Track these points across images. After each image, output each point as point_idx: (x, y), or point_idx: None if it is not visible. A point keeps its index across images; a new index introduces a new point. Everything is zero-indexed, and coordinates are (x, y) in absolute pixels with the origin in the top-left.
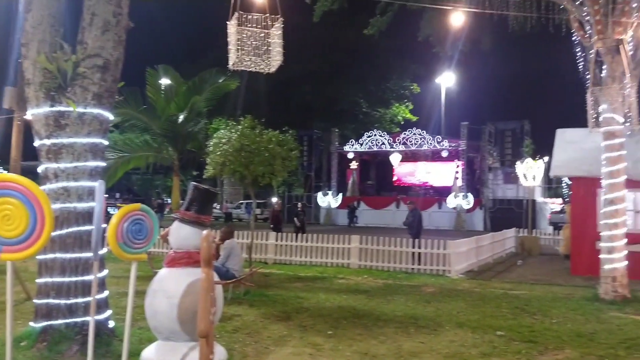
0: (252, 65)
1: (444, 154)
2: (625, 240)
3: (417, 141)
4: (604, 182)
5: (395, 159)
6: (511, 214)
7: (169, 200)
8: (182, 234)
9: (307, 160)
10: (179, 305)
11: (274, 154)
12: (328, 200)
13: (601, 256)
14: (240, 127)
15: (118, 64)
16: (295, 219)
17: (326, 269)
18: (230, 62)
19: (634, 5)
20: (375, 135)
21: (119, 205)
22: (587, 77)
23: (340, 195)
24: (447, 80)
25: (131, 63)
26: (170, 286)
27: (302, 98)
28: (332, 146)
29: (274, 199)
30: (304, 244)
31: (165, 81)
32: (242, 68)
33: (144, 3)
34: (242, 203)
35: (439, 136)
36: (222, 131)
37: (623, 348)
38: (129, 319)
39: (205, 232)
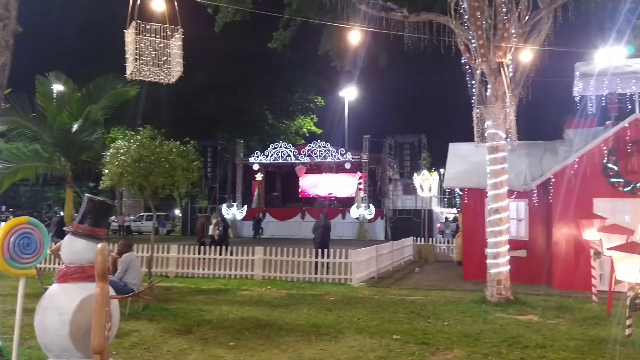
0: (151, 75)
1: (347, 166)
2: (508, 246)
3: (321, 153)
4: (489, 193)
5: (300, 170)
6: (410, 223)
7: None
8: (75, 248)
9: (211, 172)
10: (71, 321)
11: (174, 165)
12: (233, 212)
13: (488, 261)
14: (139, 137)
15: (4, 70)
16: (212, 230)
17: (230, 281)
18: (128, 72)
19: (512, 31)
20: (280, 146)
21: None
22: (474, 95)
23: (245, 207)
24: (349, 94)
25: (21, 69)
26: (62, 302)
27: (206, 108)
28: (237, 157)
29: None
30: (206, 256)
31: (57, 87)
32: (141, 78)
33: (37, 6)
34: (142, 215)
35: (343, 148)
36: (120, 141)
37: (505, 346)
38: (17, 338)
39: (100, 245)
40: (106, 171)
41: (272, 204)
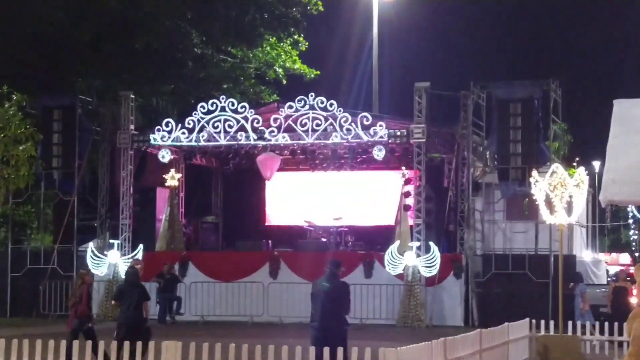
0: None
1: (377, 153)
2: None
3: (318, 124)
4: None
5: (266, 164)
6: (524, 287)
7: None
8: None
9: (61, 167)
10: None
11: None
12: (110, 260)
13: None
14: None
15: None
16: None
17: None
18: None
19: None
20: (223, 108)
21: None
22: None
23: (140, 248)
24: None
25: None
26: None
27: (46, 22)
28: (122, 134)
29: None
30: None
31: None
32: None
33: None
34: None
35: (367, 113)
36: None
37: None
38: None
39: None
40: None
41: (204, 241)
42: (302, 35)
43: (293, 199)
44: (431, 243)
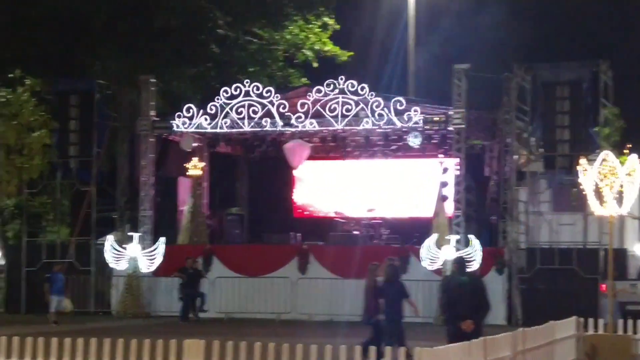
0: None
1: (413, 140)
2: None
3: (349, 109)
4: None
5: (295, 151)
6: (570, 283)
7: None
8: None
9: (79, 154)
10: None
11: None
12: (130, 253)
13: None
14: None
15: None
16: None
17: None
18: None
19: None
20: (248, 93)
21: None
22: None
23: (162, 241)
24: None
25: None
26: None
27: (60, 3)
28: (142, 120)
29: None
30: None
31: None
32: None
33: None
34: None
35: (401, 98)
36: None
37: None
38: None
39: None
40: None
41: (229, 234)
42: (332, 16)
43: (323, 189)
44: (471, 236)
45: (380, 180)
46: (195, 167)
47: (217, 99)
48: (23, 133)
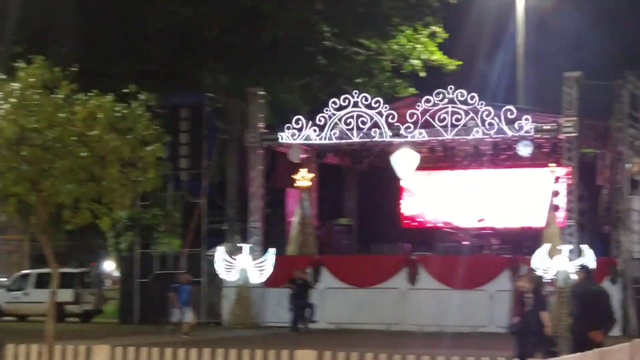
0: None
1: (523, 149)
2: None
3: (458, 118)
4: None
5: (403, 161)
6: None
7: None
8: None
9: (190, 167)
10: None
11: (102, 152)
12: (241, 265)
13: None
14: (16, 84)
15: None
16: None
17: None
18: None
19: None
20: (356, 104)
21: None
22: None
23: (271, 252)
24: None
25: None
26: None
27: (175, 17)
28: (250, 132)
29: None
30: None
31: None
32: None
33: None
34: (24, 276)
35: (511, 107)
36: None
37: None
38: None
39: None
40: None
41: (337, 244)
42: (440, 25)
43: (431, 199)
44: (585, 246)
45: (490, 190)
46: (304, 178)
47: (326, 110)
48: (137, 147)
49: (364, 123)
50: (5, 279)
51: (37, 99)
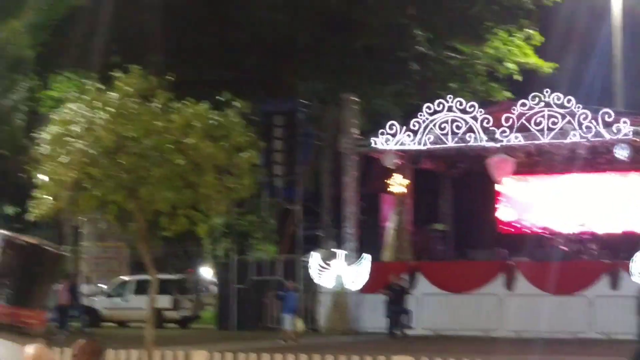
0: None
1: (622, 151)
2: None
3: (554, 122)
4: None
5: (499, 166)
6: None
7: None
8: None
9: (285, 175)
10: None
11: (198, 159)
12: (336, 271)
13: None
14: (114, 93)
15: None
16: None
17: None
18: None
19: None
20: (451, 108)
21: None
22: None
23: (367, 258)
24: None
25: None
26: None
27: (266, 26)
28: (345, 138)
29: None
30: None
31: None
32: None
33: None
34: (123, 283)
35: (608, 110)
36: (73, 105)
37: None
38: None
39: (31, 351)
40: (41, 179)
41: (433, 250)
42: (535, 28)
43: (528, 204)
44: None
45: (588, 195)
46: (399, 183)
47: (420, 115)
48: (232, 154)
49: (458, 128)
50: (105, 286)
51: (134, 108)
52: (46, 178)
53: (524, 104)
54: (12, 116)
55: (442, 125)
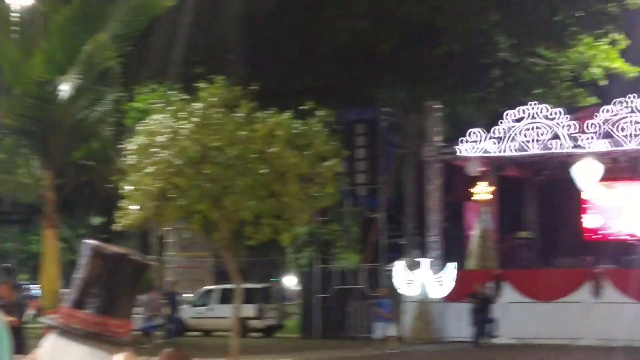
0: None
1: None
2: None
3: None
4: None
5: (585, 173)
6: None
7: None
8: None
9: (367, 183)
10: None
11: (282, 168)
12: (420, 279)
13: None
14: (197, 104)
15: None
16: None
17: None
18: None
19: None
20: (534, 115)
21: None
22: None
23: (453, 266)
24: None
25: None
26: None
27: (348, 34)
28: (427, 146)
29: None
30: None
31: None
32: None
33: None
34: (208, 292)
35: None
36: (158, 117)
37: None
38: None
39: (119, 358)
40: (127, 189)
41: (518, 258)
42: (621, 32)
43: (614, 211)
44: None
45: None
46: (483, 191)
47: (503, 122)
48: (316, 163)
49: (542, 134)
50: (190, 295)
51: (218, 118)
52: (132, 188)
53: (608, 110)
54: (101, 128)
55: (526, 132)
